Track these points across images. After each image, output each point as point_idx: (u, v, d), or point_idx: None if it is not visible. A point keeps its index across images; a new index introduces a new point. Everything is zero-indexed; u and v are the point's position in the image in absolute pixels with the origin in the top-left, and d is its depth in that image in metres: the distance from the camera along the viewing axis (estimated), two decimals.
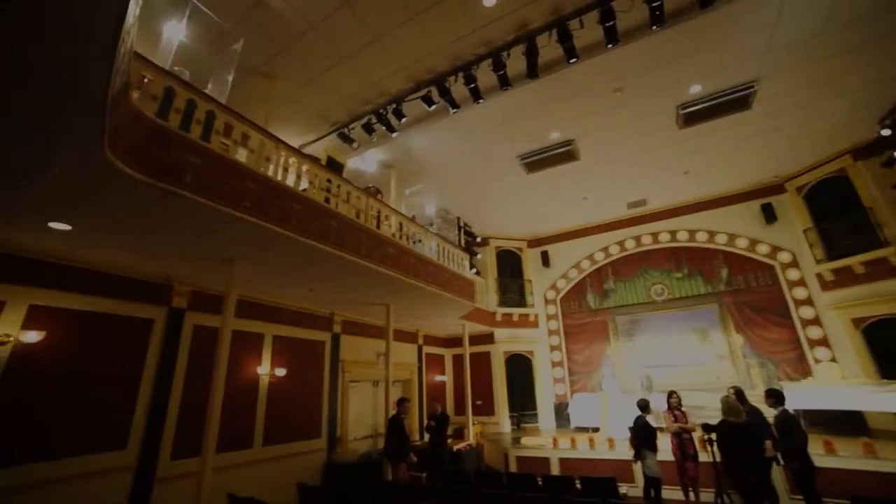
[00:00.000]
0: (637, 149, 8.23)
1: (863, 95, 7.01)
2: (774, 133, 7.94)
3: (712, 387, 9.33)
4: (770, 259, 9.80)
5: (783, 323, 9.41)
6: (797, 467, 5.16)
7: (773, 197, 9.91)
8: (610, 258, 11.74)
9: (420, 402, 10.42)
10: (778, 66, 6.23)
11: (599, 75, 6.24)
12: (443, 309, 8.59)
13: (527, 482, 5.67)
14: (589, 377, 11.15)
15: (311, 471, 7.22)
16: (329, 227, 5.07)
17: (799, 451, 5.15)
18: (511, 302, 11.99)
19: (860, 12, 5.40)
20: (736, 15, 5.34)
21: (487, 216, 11.18)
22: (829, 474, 5.45)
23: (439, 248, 8.03)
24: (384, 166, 8.50)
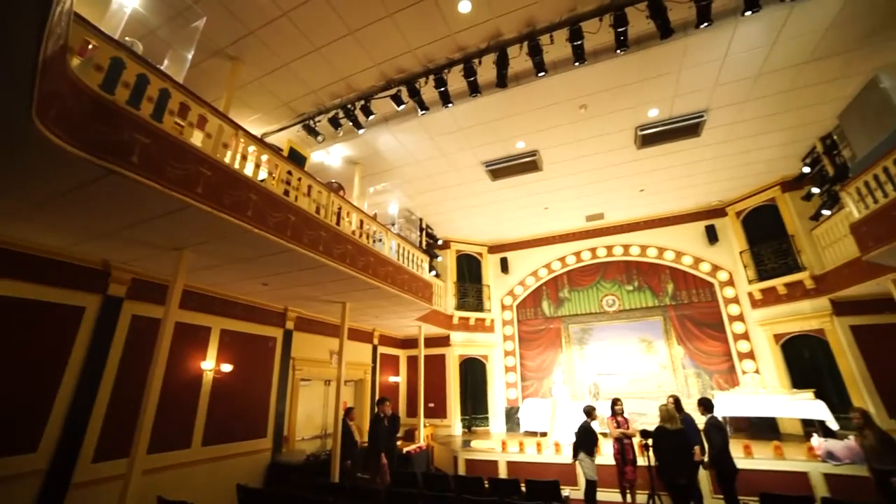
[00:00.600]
0: (597, 164, 8.59)
1: (792, 134, 7.75)
2: (719, 161, 8.58)
3: (653, 395, 9.88)
4: (711, 277, 10.54)
5: (718, 337, 10.15)
6: (722, 469, 5.60)
7: (716, 219, 10.68)
8: (566, 268, 12.15)
9: (372, 403, 10.28)
10: (724, 99, 6.75)
11: (566, 91, 6.48)
12: (400, 309, 8.55)
13: (474, 485, 5.74)
14: (541, 383, 11.47)
15: (255, 472, 6.92)
16: (287, 221, 4.91)
17: (723, 455, 5.59)
18: (469, 306, 12.13)
19: (791, 63, 6.04)
20: (691, 49, 5.74)
21: (450, 219, 11.25)
22: (746, 475, 5.90)
23: (399, 249, 7.98)
24: (349, 162, 8.37)
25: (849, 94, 6.57)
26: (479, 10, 5.32)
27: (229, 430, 6.64)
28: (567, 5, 5.29)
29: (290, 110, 7.14)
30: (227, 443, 6.55)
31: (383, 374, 11.18)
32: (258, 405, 7.28)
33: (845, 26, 5.44)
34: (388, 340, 11.69)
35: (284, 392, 7.75)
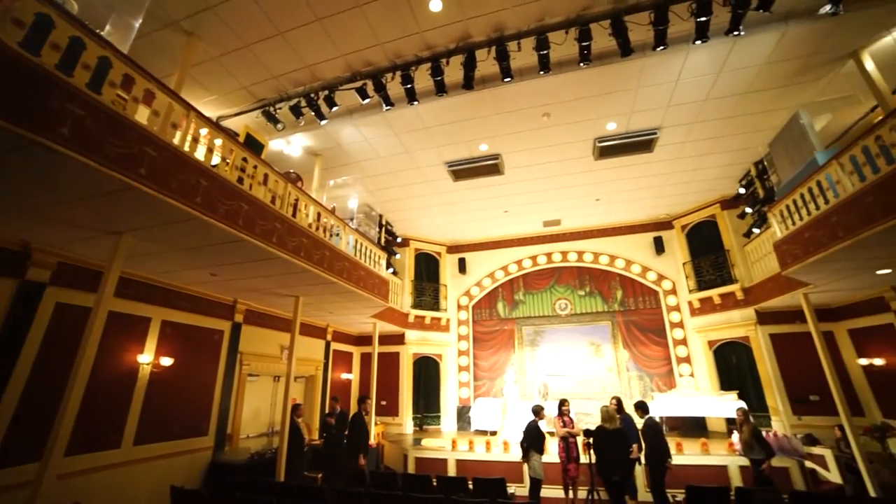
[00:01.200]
0: (557, 172, 8.87)
1: (732, 157, 8.40)
2: (669, 176, 9.13)
3: (599, 396, 10.35)
4: (656, 285, 11.20)
5: (660, 342, 10.81)
6: (657, 466, 5.99)
7: (663, 231, 11.36)
8: (523, 271, 12.46)
9: (323, 400, 10.05)
10: (676, 119, 7.18)
11: (530, 98, 6.64)
12: (355, 306, 8.41)
13: (422, 483, 5.77)
14: (493, 382, 11.69)
15: (193, 472, 6.54)
16: (239, 210, 4.69)
17: (659, 453, 5.99)
18: (425, 305, 12.14)
19: (732, 92, 6.55)
20: (648, 69, 6.06)
21: (411, 217, 11.21)
22: (676, 470, 6.34)
23: (357, 244, 7.85)
24: (310, 153, 8.12)
25: (777, 125, 7.21)
26: (449, 10, 5.32)
27: (167, 428, 6.23)
28: (535, 15, 5.42)
29: (250, 94, 6.81)
30: (163, 441, 6.14)
31: (336, 371, 10.95)
32: (200, 401, 6.90)
33: (776, 66, 6.02)
34: (343, 337, 11.47)
35: (230, 388, 7.40)
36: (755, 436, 6.24)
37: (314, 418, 9.70)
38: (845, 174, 5.24)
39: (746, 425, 6.42)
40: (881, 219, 4.60)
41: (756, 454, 6.16)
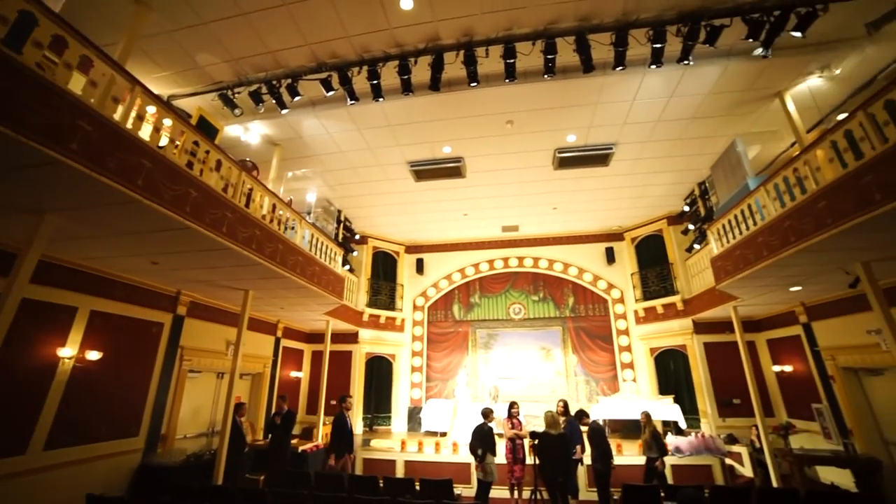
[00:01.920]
0: (517, 179, 9.09)
1: (679, 176, 8.99)
2: (622, 190, 9.60)
3: (547, 399, 10.66)
4: (606, 294, 11.73)
5: (607, 348, 11.32)
6: (600, 467, 6.27)
7: (614, 242, 11.93)
8: (479, 274, 12.63)
9: (270, 399, 9.66)
10: (631, 137, 7.58)
11: (495, 104, 6.76)
12: (308, 302, 8.17)
13: (368, 484, 5.68)
14: (445, 384, 11.75)
15: (118, 478, 6.00)
16: (186, 195, 4.42)
17: (603, 455, 6.28)
18: (380, 304, 12.01)
19: (681, 116, 7.01)
20: (607, 87, 6.36)
21: (370, 215, 11.07)
22: (617, 470, 6.67)
23: (313, 239, 7.64)
24: (268, 142, 7.81)
25: (718, 150, 7.81)
26: (420, 10, 5.32)
27: (88, 429, 5.67)
28: (504, 24, 5.53)
29: (206, 75, 6.45)
30: (82, 444, 5.56)
31: (285, 369, 10.57)
32: (131, 399, 6.38)
33: (718, 96, 6.53)
34: (294, 333, 11.10)
35: (167, 385, 6.92)
36: (654, 437, 6.84)
37: (259, 418, 9.31)
38: (770, 200, 5.76)
39: (648, 427, 6.99)
40: (795, 241, 5.10)
41: (652, 453, 6.77)
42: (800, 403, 8.34)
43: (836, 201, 4.51)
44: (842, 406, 7.29)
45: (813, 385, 7.91)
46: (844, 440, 7.07)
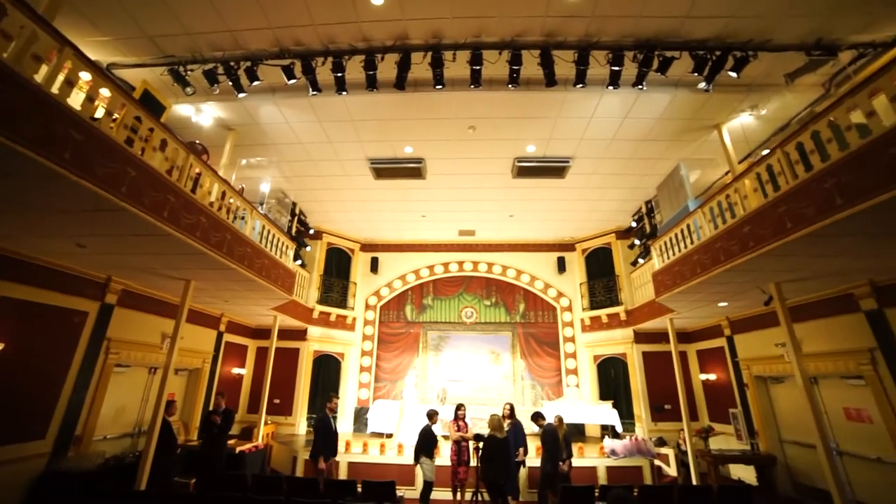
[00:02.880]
0: (477, 184, 9.22)
1: (628, 194, 9.53)
2: (576, 203, 10.02)
3: (494, 402, 10.86)
4: (555, 302, 12.16)
5: (554, 354, 11.73)
6: (549, 469, 6.46)
7: (566, 252, 12.41)
8: (434, 276, 12.67)
9: (208, 397, 9.11)
10: (587, 152, 7.94)
11: (459, 109, 6.83)
12: (255, 296, 7.82)
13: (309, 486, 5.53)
14: (394, 385, 11.66)
15: (13, 488, 5.17)
16: (123, 174, 4.09)
17: (552, 457, 6.48)
18: (332, 301, 11.73)
19: (634, 137, 7.45)
20: (568, 102, 6.63)
21: (326, 209, 10.80)
22: None
23: (264, 231, 7.34)
24: (222, 126, 7.41)
25: (664, 172, 8.36)
26: (391, 7, 5.27)
27: None
28: (473, 30, 5.62)
29: (155, 46, 6.00)
30: None
31: (227, 365, 10.04)
32: (39, 396, 5.62)
33: (667, 122, 7.03)
34: (238, 328, 10.57)
35: (87, 380, 6.25)
36: (565, 440, 6.92)
37: (195, 416, 8.75)
38: (706, 222, 6.25)
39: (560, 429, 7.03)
40: (724, 261, 5.58)
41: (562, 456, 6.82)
42: (720, 408, 9.13)
43: (758, 227, 4.98)
44: (752, 410, 8.12)
45: (731, 392, 8.70)
46: (752, 440, 7.96)
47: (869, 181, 3.65)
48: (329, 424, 6.61)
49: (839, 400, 6.56)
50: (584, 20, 5.40)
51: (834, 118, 4.16)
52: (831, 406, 6.67)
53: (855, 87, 4.04)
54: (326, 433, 6.53)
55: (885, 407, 5.64)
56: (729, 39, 5.61)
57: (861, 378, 6.07)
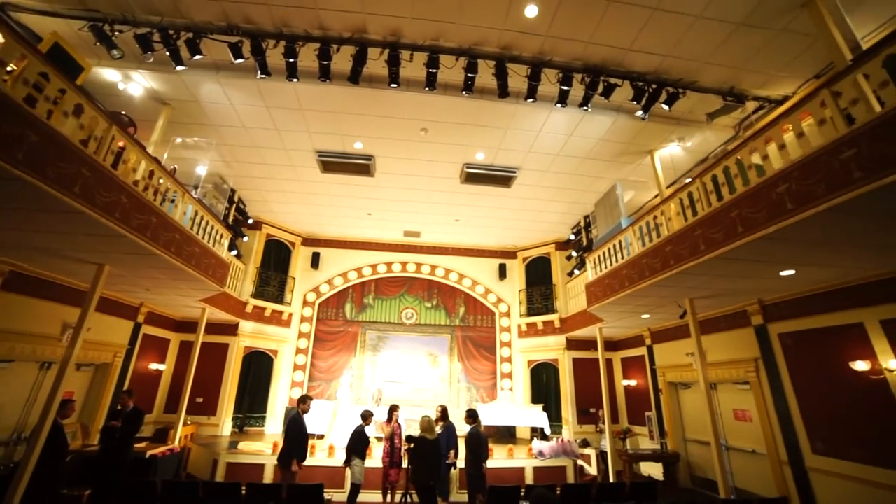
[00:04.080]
0: (425, 186, 9.27)
1: (569, 207, 10.08)
2: (520, 213, 10.41)
3: (429, 404, 10.89)
4: (494, 307, 12.51)
5: (490, 358, 12.04)
6: (472, 472, 6.55)
7: (508, 260, 12.82)
8: (376, 276, 12.53)
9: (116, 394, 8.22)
10: (533, 164, 8.28)
11: (412, 110, 6.84)
12: (182, 286, 7.24)
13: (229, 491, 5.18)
14: (329, 384, 11.32)
15: None
16: (21, 138, 3.58)
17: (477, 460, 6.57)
18: (268, 295, 11.16)
19: (577, 154, 7.91)
20: (519, 114, 6.88)
21: (268, 199, 10.29)
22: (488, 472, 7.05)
23: (197, 217, 6.84)
24: (156, 100, 6.79)
25: (602, 190, 8.96)
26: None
27: None
28: (432, 34, 5.66)
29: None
30: None
31: (144, 360, 9.15)
32: None
33: (607, 143, 7.55)
34: (160, 320, 9.69)
35: None
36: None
37: (99, 417, 7.86)
38: (635, 239, 6.79)
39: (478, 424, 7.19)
40: (648, 276, 6.10)
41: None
42: (638, 412, 9.91)
43: (678, 247, 5.49)
44: (664, 413, 8.91)
45: (648, 396, 9.49)
46: (662, 440, 8.72)
47: (761, 215, 4.20)
48: (302, 426, 6.21)
49: (730, 403, 7.55)
50: (539, 38, 5.66)
51: (740, 157, 4.73)
52: (724, 408, 7.65)
53: (755, 133, 4.65)
54: (299, 435, 6.14)
55: (762, 408, 6.61)
56: (664, 75, 6.17)
57: (747, 384, 6.98)
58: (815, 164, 3.71)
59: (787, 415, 6.16)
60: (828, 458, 5.58)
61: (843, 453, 5.38)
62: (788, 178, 3.96)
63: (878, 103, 3.42)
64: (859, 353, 5.24)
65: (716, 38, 5.50)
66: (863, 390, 5.21)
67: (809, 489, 5.74)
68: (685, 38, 5.54)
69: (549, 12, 5.24)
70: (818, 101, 3.91)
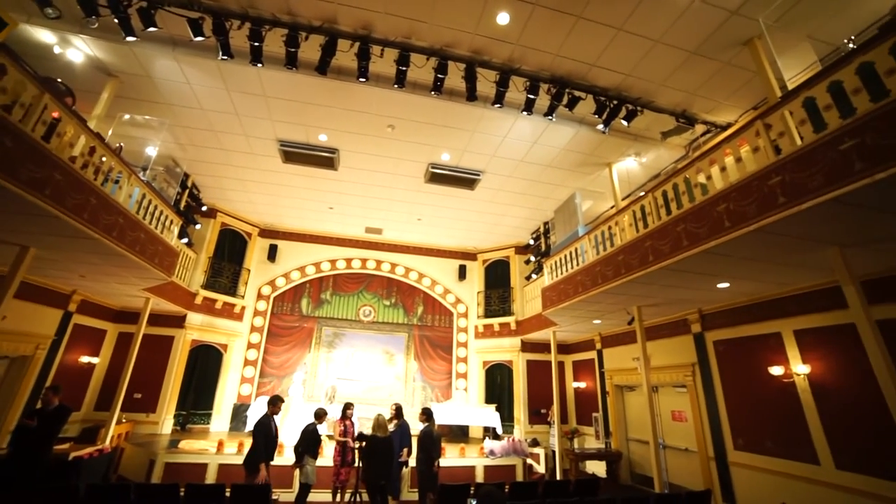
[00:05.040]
0: (389, 183, 9.20)
1: (530, 213, 10.36)
2: (482, 216, 10.57)
3: (385, 402, 10.80)
4: (452, 307, 12.62)
5: (446, 357, 12.13)
6: (423, 470, 6.57)
7: (468, 261, 12.98)
8: (335, 271, 12.30)
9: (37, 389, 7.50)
10: (497, 169, 8.44)
11: (380, 106, 6.78)
12: (124, 273, 6.76)
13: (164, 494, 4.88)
14: (280, 381, 10.96)
15: None
16: None
17: (428, 458, 6.60)
18: (220, 287, 10.64)
19: (540, 162, 8.15)
20: (486, 118, 6.99)
21: (224, 187, 9.81)
22: (441, 471, 7.09)
23: (144, 200, 6.42)
24: (101, 70, 6.28)
25: (562, 198, 9.29)
26: None
27: None
28: (405, 31, 5.64)
29: None
30: None
31: (73, 352, 8.41)
32: None
33: (569, 153, 7.84)
34: (96, 309, 8.94)
35: None
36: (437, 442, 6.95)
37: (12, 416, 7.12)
38: (590, 247, 7.09)
39: (431, 423, 7.10)
40: (601, 283, 6.40)
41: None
42: (586, 413, 10.34)
43: (629, 257, 5.81)
44: (610, 414, 9.36)
45: (596, 398, 9.92)
46: (606, 440, 9.17)
47: (703, 230, 4.55)
48: (270, 428, 5.88)
49: (669, 404, 8.08)
50: (510, 46, 5.79)
51: (688, 176, 5.08)
52: (664, 409, 8.16)
53: (701, 154, 5.02)
54: (267, 437, 5.81)
55: (696, 409, 7.15)
56: (624, 93, 6.50)
57: (685, 386, 7.51)
58: (749, 188, 4.07)
59: (716, 415, 6.69)
60: (746, 453, 6.17)
61: (759, 448, 5.99)
62: (727, 199, 4.30)
63: (799, 137, 3.82)
64: (776, 359, 5.85)
65: (672, 62, 5.87)
66: (776, 392, 5.82)
67: (730, 481, 6.32)
68: (645, 60, 5.87)
69: (521, 22, 5.37)
70: (753, 130, 4.29)
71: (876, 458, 4.64)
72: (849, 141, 3.26)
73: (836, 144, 3.35)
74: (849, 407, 5.01)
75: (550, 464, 9.00)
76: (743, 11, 5.04)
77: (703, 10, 5.08)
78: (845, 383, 5.09)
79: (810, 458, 5.30)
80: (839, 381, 5.16)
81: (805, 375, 5.46)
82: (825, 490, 5.08)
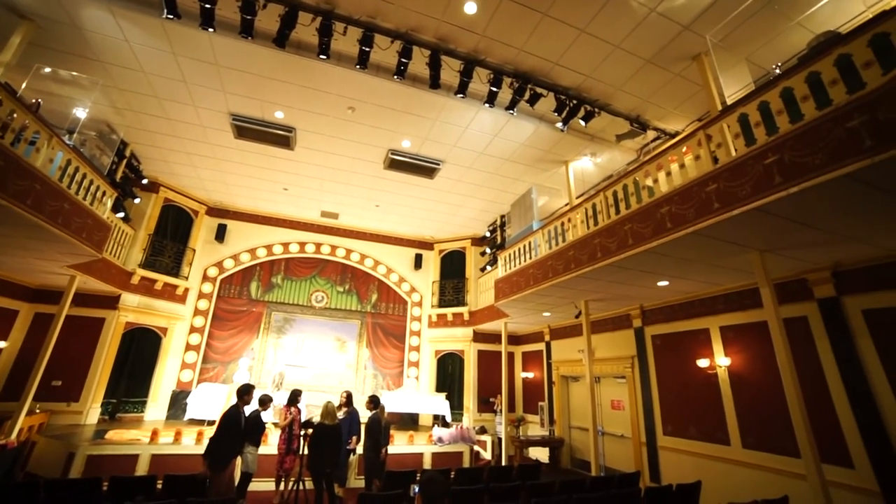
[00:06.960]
0: (347, 167, 8.96)
1: (487, 205, 10.49)
2: (440, 205, 10.57)
3: (334, 390, 10.64)
4: (407, 296, 12.60)
5: (399, 346, 12.13)
6: (371, 457, 6.55)
7: (424, 251, 12.97)
8: (288, 255, 11.88)
9: None
10: (457, 159, 8.45)
11: (341, 87, 6.54)
12: (43, 247, 6.11)
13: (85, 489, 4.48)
14: (225, 367, 10.49)
15: None
16: None
17: (375, 445, 6.59)
18: (161, 267, 9.91)
19: (499, 155, 8.19)
20: (448, 108, 6.94)
21: (169, 159, 9.09)
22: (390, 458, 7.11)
23: (70, 168, 5.81)
24: (8, 8, 5.40)
25: (519, 192, 9.47)
26: None
27: None
28: (370, 10, 5.45)
29: None
30: None
31: None
32: None
33: (528, 149, 7.99)
34: (5, 287, 8.05)
35: None
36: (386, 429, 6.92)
37: None
38: (543, 242, 7.31)
39: (379, 411, 7.12)
40: (552, 277, 6.63)
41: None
42: (532, 402, 10.77)
43: (579, 252, 6.05)
44: (555, 403, 9.81)
45: (542, 388, 10.35)
46: (550, 427, 9.62)
47: (647, 230, 4.83)
48: (239, 421, 5.47)
49: (609, 394, 8.63)
50: (476, 37, 5.77)
51: (637, 178, 5.36)
52: (604, 399, 8.71)
53: (650, 158, 5.30)
54: (232, 430, 5.39)
55: (632, 398, 7.70)
56: (584, 93, 6.71)
57: (624, 377, 8.01)
58: (690, 193, 4.36)
59: (650, 403, 7.22)
60: (673, 438, 6.78)
61: (683, 433, 6.62)
62: (671, 202, 4.59)
63: (734, 149, 4.16)
64: (704, 352, 6.44)
65: (629, 68, 6.13)
66: (702, 382, 6.43)
67: (657, 463, 6.92)
68: (605, 63, 6.08)
69: (488, 12, 5.36)
70: (696, 140, 4.60)
71: (773, 437, 5.35)
72: (772, 156, 3.58)
73: (762, 158, 3.68)
74: (756, 394, 5.67)
75: (497, 451, 9.31)
76: (694, 27, 5.35)
77: (659, 22, 5.33)
78: (755, 374, 5.74)
79: (723, 440, 5.97)
80: (751, 372, 5.80)
81: (726, 367, 6.06)
82: (734, 467, 5.76)
